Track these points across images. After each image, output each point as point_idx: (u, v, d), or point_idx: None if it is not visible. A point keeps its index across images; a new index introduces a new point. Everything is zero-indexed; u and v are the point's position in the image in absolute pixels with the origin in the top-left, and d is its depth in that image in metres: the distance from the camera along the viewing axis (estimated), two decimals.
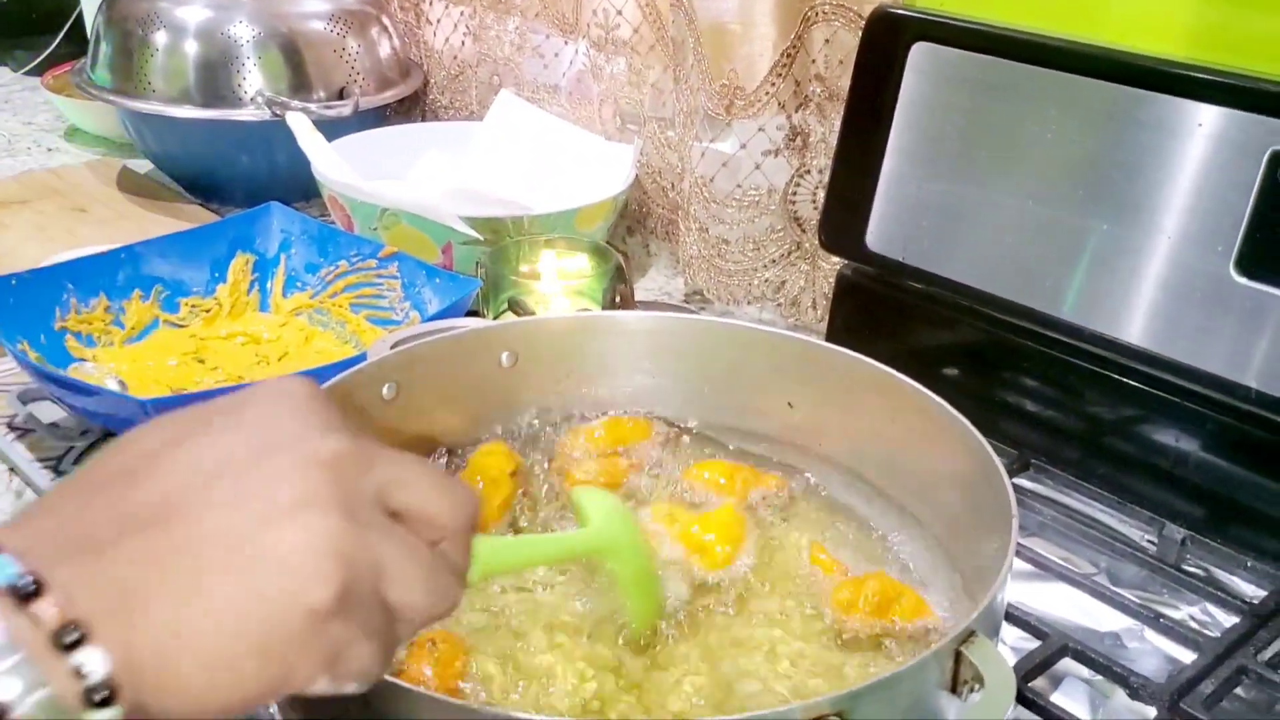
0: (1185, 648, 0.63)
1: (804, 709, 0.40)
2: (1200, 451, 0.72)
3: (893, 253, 0.83)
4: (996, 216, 0.78)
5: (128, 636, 0.31)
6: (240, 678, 0.32)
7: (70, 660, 0.30)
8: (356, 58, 1.25)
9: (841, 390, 0.66)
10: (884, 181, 0.83)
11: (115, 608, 0.31)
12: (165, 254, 0.96)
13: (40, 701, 0.29)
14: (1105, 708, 0.60)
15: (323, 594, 0.33)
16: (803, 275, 1.00)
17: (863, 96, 0.84)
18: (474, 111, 1.35)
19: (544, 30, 1.22)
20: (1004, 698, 0.43)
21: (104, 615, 0.31)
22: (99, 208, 1.25)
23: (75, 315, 0.89)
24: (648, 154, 1.13)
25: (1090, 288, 0.74)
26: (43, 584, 0.30)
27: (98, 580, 0.31)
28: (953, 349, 0.84)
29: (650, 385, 0.72)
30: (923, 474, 0.63)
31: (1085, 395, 0.76)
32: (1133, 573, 0.70)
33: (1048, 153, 0.75)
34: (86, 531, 0.32)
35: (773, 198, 0.97)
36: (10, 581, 0.30)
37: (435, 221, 0.98)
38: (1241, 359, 0.68)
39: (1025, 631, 0.62)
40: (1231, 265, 0.67)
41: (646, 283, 1.14)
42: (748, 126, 0.94)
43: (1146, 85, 0.69)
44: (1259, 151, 0.65)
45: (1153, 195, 0.70)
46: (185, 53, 1.19)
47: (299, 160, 1.07)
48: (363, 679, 0.36)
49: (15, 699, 0.29)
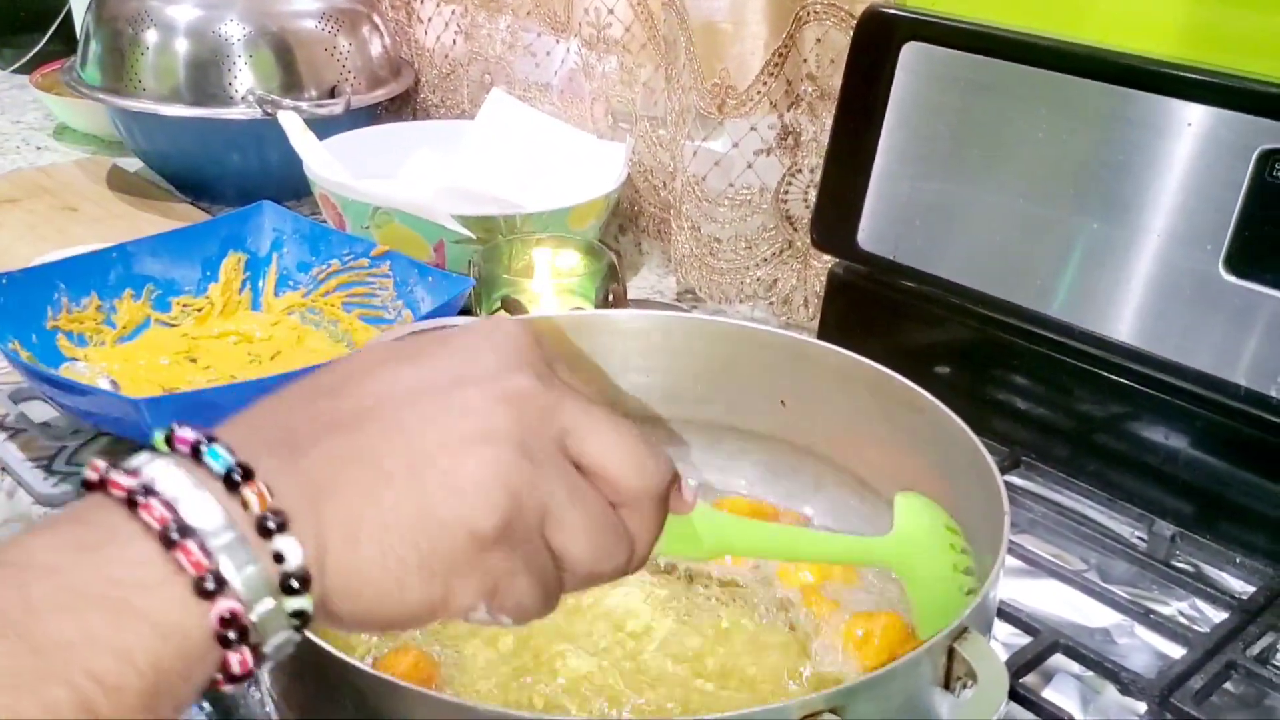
0: (1175, 643, 0.63)
1: (799, 706, 0.40)
2: (1189, 448, 0.72)
3: (884, 251, 0.84)
4: (987, 215, 0.78)
5: (317, 530, 0.33)
6: (406, 591, 0.34)
7: (272, 545, 0.32)
8: (348, 56, 1.25)
9: (834, 388, 0.66)
10: (875, 180, 0.83)
11: (309, 502, 0.33)
12: (157, 253, 0.95)
13: (250, 580, 0.31)
14: (1096, 703, 0.60)
15: (487, 522, 0.34)
16: (794, 274, 1.00)
17: (854, 96, 0.85)
18: (465, 110, 1.35)
19: (535, 29, 1.22)
20: (997, 694, 0.43)
21: (299, 508, 0.33)
22: (89, 206, 1.24)
23: (67, 314, 0.89)
24: (640, 153, 1.13)
25: (1080, 286, 0.74)
26: (251, 473, 0.32)
27: (296, 475, 0.34)
28: (943, 347, 0.84)
29: (643, 383, 0.72)
30: (915, 471, 0.63)
31: (1075, 393, 0.77)
32: (1123, 569, 0.70)
33: (1038, 152, 0.75)
34: (289, 432, 0.35)
35: (764, 196, 0.97)
36: (225, 469, 0.32)
37: (427, 220, 0.98)
38: (1230, 357, 0.68)
39: (1016, 628, 0.62)
40: (1220, 264, 0.67)
41: (638, 281, 1.14)
42: (740, 125, 0.94)
43: (1136, 85, 0.70)
44: (1248, 151, 0.66)
45: (1142, 194, 0.70)
46: (176, 51, 1.19)
47: (290, 159, 1.07)
48: (519, 614, 0.37)
49: (231, 576, 0.31)
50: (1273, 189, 0.65)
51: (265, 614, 0.32)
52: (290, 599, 0.32)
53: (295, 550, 0.32)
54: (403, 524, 0.34)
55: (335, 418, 0.35)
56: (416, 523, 0.34)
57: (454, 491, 0.34)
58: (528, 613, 0.37)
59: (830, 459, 0.69)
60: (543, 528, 0.36)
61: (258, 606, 0.32)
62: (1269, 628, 0.64)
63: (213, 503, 0.32)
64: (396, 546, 0.34)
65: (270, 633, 0.32)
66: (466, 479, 0.34)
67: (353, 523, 0.34)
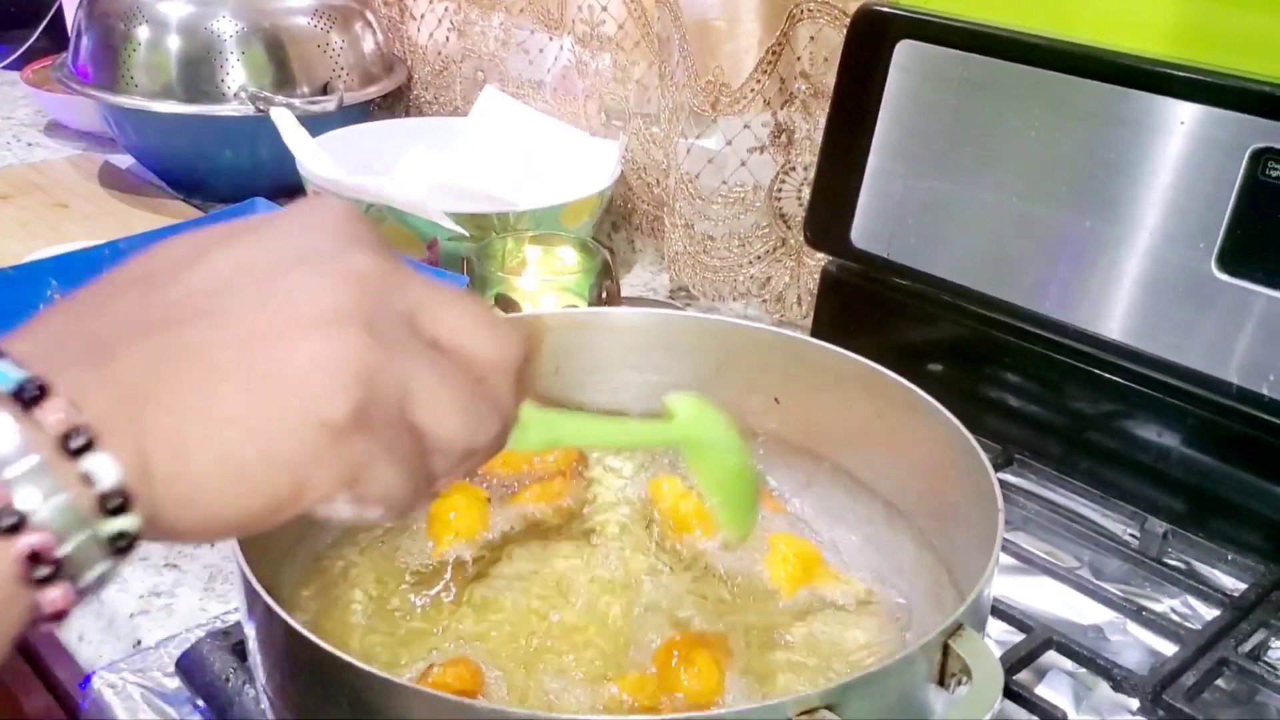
0: (1167, 640, 0.64)
1: (795, 703, 0.40)
2: (1182, 446, 0.72)
3: (877, 249, 0.84)
4: (980, 213, 0.78)
5: (138, 442, 0.30)
6: (250, 487, 0.31)
7: (80, 466, 0.29)
8: (340, 53, 1.25)
9: (827, 386, 0.67)
10: (869, 178, 0.84)
11: (125, 411, 0.30)
12: None
13: (57, 508, 0.28)
14: (1089, 700, 0.61)
15: (339, 408, 0.32)
16: (788, 272, 1.00)
17: (848, 94, 0.85)
18: (458, 107, 1.35)
19: (529, 26, 1.22)
20: (991, 690, 0.43)
21: (113, 419, 0.30)
22: (81, 203, 1.24)
23: None
24: (633, 150, 1.13)
25: (1073, 284, 0.74)
26: (48, 388, 0.29)
27: (108, 383, 0.30)
28: (936, 345, 0.84)
29: (637, 381, 0.72)
30: (908, 469, 0.64)
31: (1068, 391, 0.77)
32: (1115, 566, 0.71)
33: (1031, 150, 0.75)
34: (98, 335, 0.31)
35: (758, 194, 0.97)
36: (12, 388, 0.29)
37: (421, 217, 0.98)
38: (1223, 354, 0.68)
39: (1010, 625, 0.63)
40: (1213, 262, 0.68)
41: (631, 279, 1.14)
42: (733, 123, 0.94)
43: (1129, 83, 0.70)
44: (1240, 149, 0.66)
45: (1135, 192, 0.70)
46: (168, 47, 1.18)
47: (283, 156, 1.07)
48: (388, 504, 0.34)
49: (34, 507, 0.28)
50: (1265, 187, 0.65)
51: (81, 544, 0.29)
52: (110, 521, 0.29)
53: (110, 468, 0.29)
54: (239, 419, 0.31)
55: (149, 314, 0.32)
56: (255, 415, 0.31)
57: (296, 379, 0.31)
58: (396, 502, 0.34)
59: (823, 456, 0.69)
60: (404, 409, 0.33)
61: (71, 538, 0.29)
62: (1260, 625, 0.64)
63: (7, 425, 0.28)
64: (232, 446, 0.31)
65: (88, 565, 0.29)
66: (308, 363, 0.31)
67: (179, 427, 0.30)
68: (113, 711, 0.59)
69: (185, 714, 0.59)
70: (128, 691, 0.60)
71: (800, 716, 0.40)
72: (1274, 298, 0.66)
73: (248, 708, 0.56)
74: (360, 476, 0.33)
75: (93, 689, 0.60)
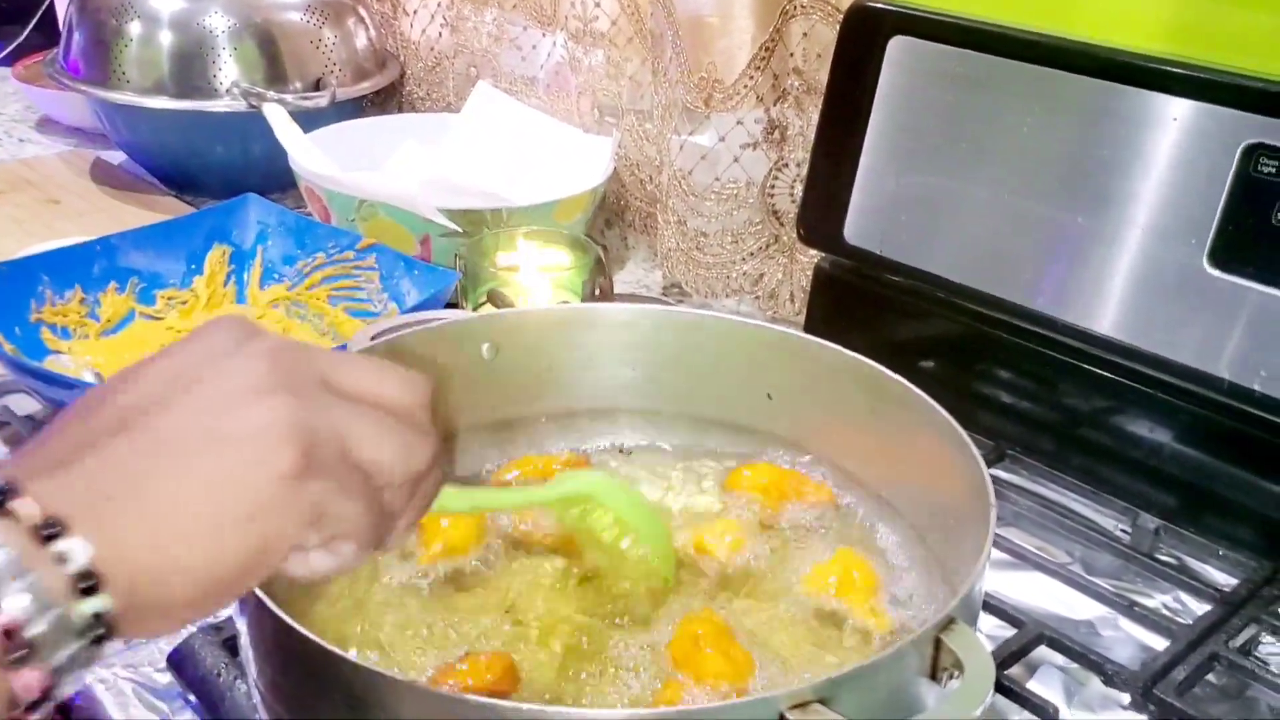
0: (1158, 635, 0.64)
1: (787, 696, 0.40)
2: (1173, 442, 0.72)
3: (870, 246, 0.84)
4: (973, 210, 0.78)
5: (108, 527, 0.32)
6: (225, 547, 0.34)
7: (52, 548, 0.31)
8: (333, 49, 1.24)
9: (821, 382, 0.67)
10: (861, 175, 0.84)
11: (91, 503, 0.33)
12: (141, 246, 0.95)
13: (28, 588, 0.30)
14: (1080, 695, 0.61)
15: (287, 458, 0.35)
16: (780, 268, 1.00)
17: (841, 90, 0.85)
18: (451, 103, 1.35)
19: (522, 22, 1.22)
20: (983, 684, 0.43)
21: (81, 511, 0.32)
22: (73, 199, 1.24)
23: (51, 307, 0.89)
24: (626, 147, 1.13)
25: (1065, 280, 0.74)
26: (19, 489, 0.32)
27: (73, 485, 0.33)
28: (929, 341, 0.84)
29: (630, 377, 0.72)
30: (901, 464, 0.64)
31: (1060, 387, 0.77)
32: (1107, 562, 0.71)
33: (1024, 146, 0.75)
34: (54, 454, 0.34)
35: (751, 191, 0.97)
36: None
37: (413, 213, 0.98)
38: (1214, 350, 0.68)
39: (1002, 620, 0.63)
40: (1205, 258, 0.68)
41: (625, 275, 1.14)
42: (726, 120, 0.95)
43: (1121, 79, 0.70)
44: (1232, 145, 0.66)
45: (1127, 188, 0.71)
46: (160, 43, 1.18)
47: (275, 152, 1.07)
48: (356, 538, 0.38)
49: (4, 589, 0.30)
50: (1257, 183, 0.65)
51: (53, 623, 0.31)
52: (83, 602, 0.31)
53: (80, 549, 0.31)
54: (202, 489, 0.34)
55: (101, 426, 0.35)
56: (216, 482, 0.34)
57: (245, 443, 0.35)
58: (363, 533, 0.38)
59: (816, 452, 0.69)
60: (344, 452, 0.37)
61: (42, 617, 0.30)
62: (1251, 620, 0.64)
63: None
64: (201, 512, 0.34)
65: (60, 645, 0.31)
66: (254, 428, 0.35)
67: (145, 508, 0.33)
68: (104, 707, 0.59)
69: (177, 709, 0.59)
70: (119, 687, 0.60)
71: (792, 710, 0.40)
72: (1265, 294, 0.66)
73: (239, 703, 0.56)
74: (323, 514, 0.36)
75: (84, 684, 0.60)
